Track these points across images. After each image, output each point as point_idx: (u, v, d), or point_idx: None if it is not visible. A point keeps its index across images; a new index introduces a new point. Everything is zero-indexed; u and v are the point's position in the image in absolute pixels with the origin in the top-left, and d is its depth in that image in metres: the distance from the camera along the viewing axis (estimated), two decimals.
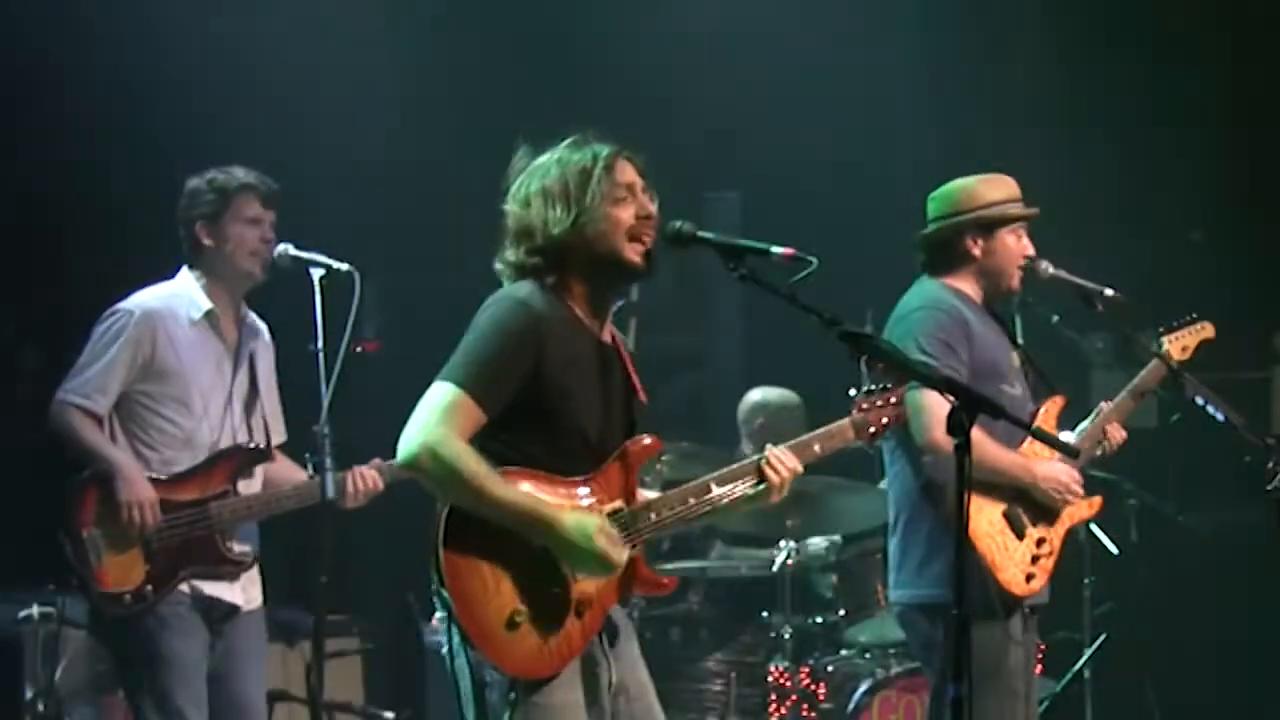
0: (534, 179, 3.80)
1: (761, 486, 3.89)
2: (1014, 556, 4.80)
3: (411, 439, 3.62)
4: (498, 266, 3.84)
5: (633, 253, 3.76)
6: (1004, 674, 4.75)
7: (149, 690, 4.85)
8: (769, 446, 3.93)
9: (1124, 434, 5.09)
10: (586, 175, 3.75)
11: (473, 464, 3.60)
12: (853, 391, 3.99)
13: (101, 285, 5.20)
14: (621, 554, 3.69)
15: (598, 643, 3.77)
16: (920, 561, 4.85)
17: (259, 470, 5.08)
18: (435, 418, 3.61)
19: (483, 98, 7.55)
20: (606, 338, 3.87)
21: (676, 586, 3.97)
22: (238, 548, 4.98)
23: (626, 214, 3.76)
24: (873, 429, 4.01)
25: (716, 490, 3.87)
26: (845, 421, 4.01)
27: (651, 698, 3.91)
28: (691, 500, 3.85)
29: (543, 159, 3.83)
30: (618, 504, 3.77)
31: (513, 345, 3.66)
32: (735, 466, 3.92)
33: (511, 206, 3.81)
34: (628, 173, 3.79)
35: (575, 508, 3.69)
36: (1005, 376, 4.91)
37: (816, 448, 3.97)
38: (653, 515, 3.80)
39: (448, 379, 3.65)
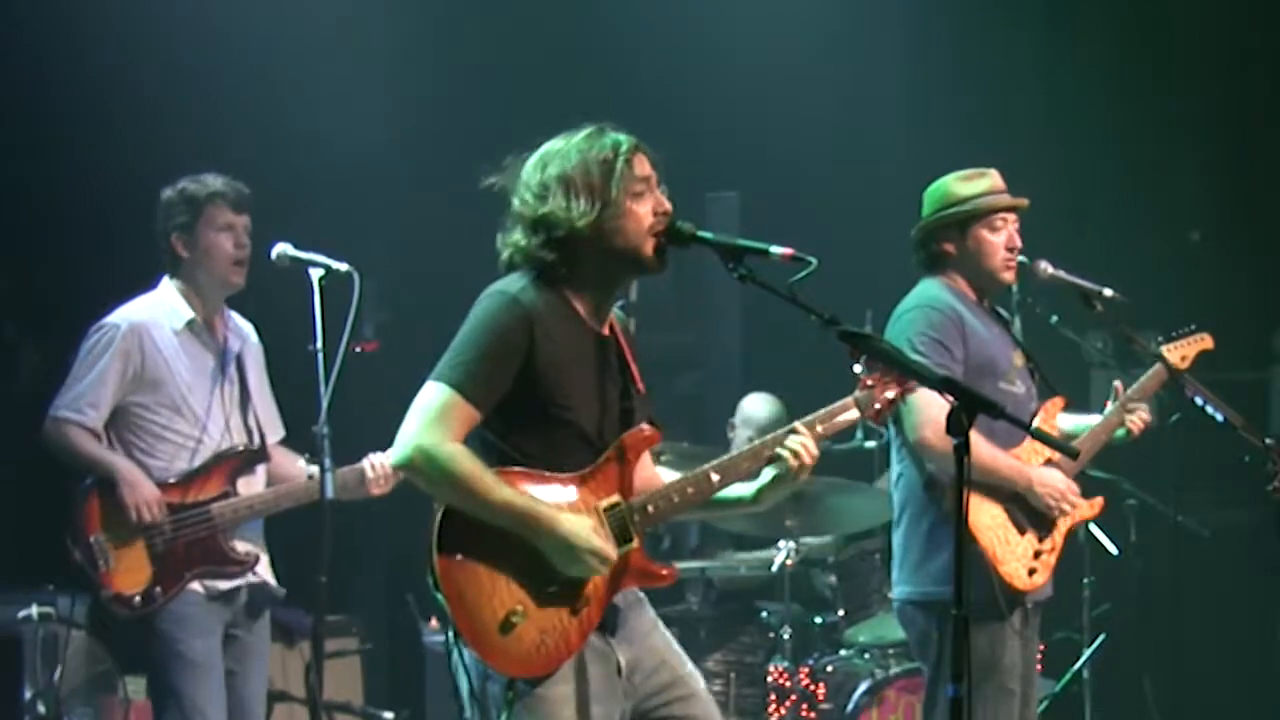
0: (551, 165, 3.72)
1: (777, 470, 3.80)
2: (1016, 551, 4.80)
3: (405, 442, 3.61)
4: (501, 246, 3.77)
5: (652, 249, 3.74)
6: (1000, 671, 4.75)
7: (169, 689, 4.90)
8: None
9: (1148, 415, 5.05)
10: (609, 167, 3.68)
11: (467, 465, 3.59)
12: (858, 368, 3.87)
13: (103, 286, 5.20)
14: (613, 550, 3.67)
15: (598, 633, 3.74)
16: (920, 557, 4.85)
17: (260, 469, 5.11)
18: (428, 419, 3.60)
19: (483, 97, 7.55)
20: (605, 330, 3.84)
21: (676, 578, 3.93)
22: (241, 547, 5.03)
23: (646, 209, 3.72)
24: (878, 405, 3.89)
25: (716, 479, 3.82)
26: (849, 399, 3.90)
27: (676, 665, 3.86)
28: (690, 490, 3.81)
29: (557, 145, 3.75)
30: (614, 498, 3.75)
31: (504, 342, 3.64)
32: (735, 454, 3.87)
33: (524, 194, 3.73)
34: (644, 166, 3.75)
35: (570, 508, 3.67)
36: (1004, 374, 4.90)
37: (820, 428, 3.85)
38: (650, 507, 3.77)
39: (439, 379, 3.64)
